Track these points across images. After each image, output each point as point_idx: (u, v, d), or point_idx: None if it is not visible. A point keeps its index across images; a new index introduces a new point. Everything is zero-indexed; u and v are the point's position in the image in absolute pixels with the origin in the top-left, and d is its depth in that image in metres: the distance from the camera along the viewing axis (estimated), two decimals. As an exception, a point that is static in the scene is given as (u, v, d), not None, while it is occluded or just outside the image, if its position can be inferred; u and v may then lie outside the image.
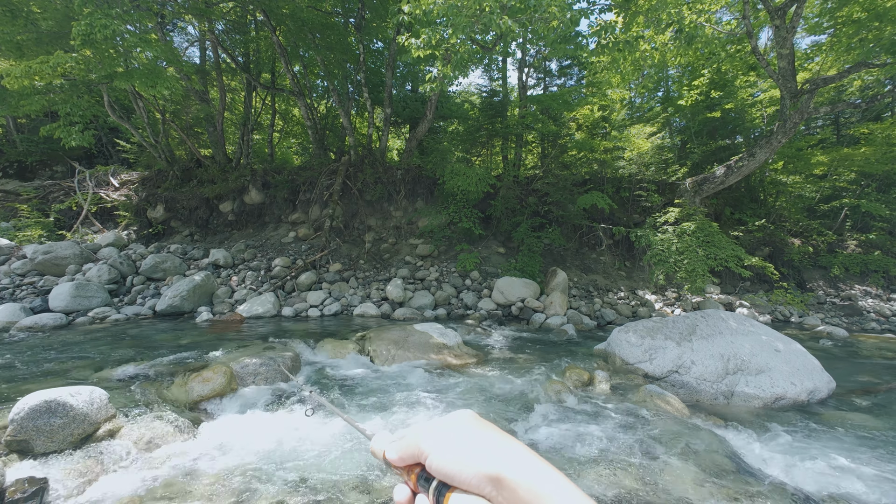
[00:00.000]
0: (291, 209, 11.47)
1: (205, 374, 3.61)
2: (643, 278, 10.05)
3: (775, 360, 4.14)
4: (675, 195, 9.93)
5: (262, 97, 13.60)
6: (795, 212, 11.07)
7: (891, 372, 5.15)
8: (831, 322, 8.27)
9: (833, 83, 8.84)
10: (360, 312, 7.77)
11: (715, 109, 11.03)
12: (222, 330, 6.25)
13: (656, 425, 3.26)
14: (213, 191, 11.25)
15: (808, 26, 9.70)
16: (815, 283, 9.97)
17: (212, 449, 2.70)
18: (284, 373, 3.73)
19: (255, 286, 8.48)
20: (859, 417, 3.64)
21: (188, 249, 10.07)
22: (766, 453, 3.00)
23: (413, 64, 12.34)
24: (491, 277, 9.39)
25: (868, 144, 9.87)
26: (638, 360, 4.52)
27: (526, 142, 13.21)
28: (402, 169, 11.25)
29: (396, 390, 3.84)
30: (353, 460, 2.55)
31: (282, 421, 3.13)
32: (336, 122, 13.82)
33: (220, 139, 12.19)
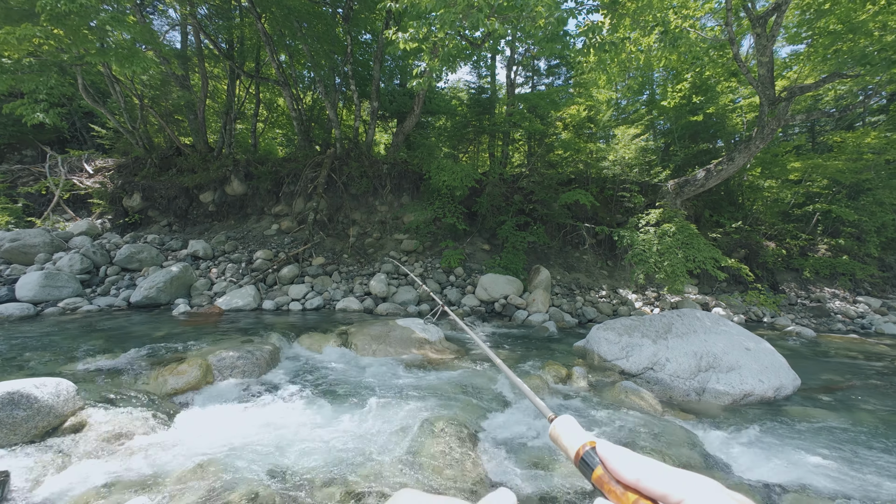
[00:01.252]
0: (275, 201, 11.28)
1: (180, 367, 3.54)
2: (624, 277, 10.24)
3: (745, 358, 4.28)
4: (658, 196, 10.13)
5: (246, 86, 13.30)
6: (771, 216, 11.43)
7: (852, 371, 5.39)
8: (801, 323, 8.59)
9: (809, 92, 9.12)
10: (342, 307, 7.71)
11: (697, 113, 11.28)
12: (200, 322, 6.12)
13: (630, 421, 3.34)
14: (194, 180, 10.97)
15: (788, 36, 9.98)
16: (787, 284, 10.33)
17: (185, 442, 2.65)
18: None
19: (236, 279, 8.32)
20: (821, 413, 3.80)
21: (166, 240, 9.81)
22: (734, 448, 3.10)
23: (401, 58, 12.24)
24: (475, 274, 9.44)
25: (840, 152, 10.25)
26: (615, 357, 4.62)
27: (513, 140, 13.27)
28: (389, 163, 11.17)
29: (376, 384, 3.84)
30: (330, 454, 2.54)
31: (258, 414, 3.09)
32: (322, 113, 13.62)
33: (201, 127, 11.88)
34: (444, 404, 3.37)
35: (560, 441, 0.55)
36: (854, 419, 3.69)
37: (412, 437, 2.73)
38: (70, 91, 8.36)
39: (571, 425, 0.56)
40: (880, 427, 3.54)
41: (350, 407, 3.28)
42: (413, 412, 3.16)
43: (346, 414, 3.15)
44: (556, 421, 0.58)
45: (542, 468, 2.56)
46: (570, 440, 0.53)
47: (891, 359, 5.99)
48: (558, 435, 0.56)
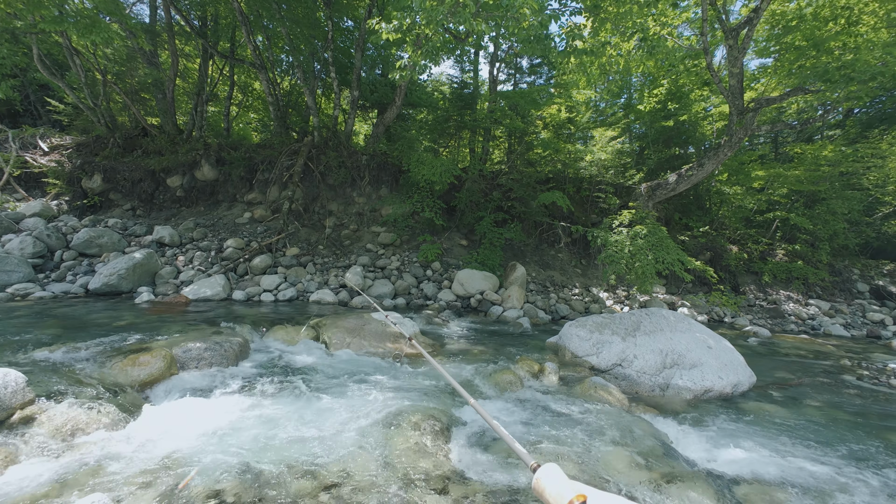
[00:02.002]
0: (248, 188, 10.92)
1: (142, 358, 3.39)
2: (597, 276, 10.52)
3: (707, 355, 4.49)
4: (631, 198, 10.43)
5: (220, 66, 12.75)
6: (735, 221, 11.99)
7: (802, 369, 5.74)
8: (758, 323, 9.07)
9: (775, 104, 9.58)
10: (316, 299, 7.58)
11: (670, 119, 11.65)
12: (165, 312, 5.87)
13: (598, 415, 3.44)
14: (161, 163, 10.46)
15: (757, 49, 10.43)
16: (747, 286, 10.89)
17: (147, 436, 2.54)
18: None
19: (205, 267, 8.03)
20: (773, 409, 4.03)
21: (129, 225, 9.33)
22: (694, 441, 3.25)
23: (383, 47, 12.01)
24: (452, 269, 9.46)
25: (800, 163, 10.84)
26: (586, 354, 4.74)
27: (494, 136, 13.32)
28: (368, 154, 11.00)
29: (349, 378, 3.80)
30: (301, 448, 2.50)
31: (226, 408, 3.00)
32: (300, 100, 13.24)
33: (170, 108, 11.32)
34: (418, 398, 3.38)
35: (545, 495, 0.49)
36: (802, 415, 3.94)
37: (386, 431, 2.72)
38: (24, 62, 7.78)
39: (557, 475, 0.50)
40: (825, 422, 3.79)
41: (322, 400, 3.24)
42: (387, 406, 3.14)
43: (318, 407, 3.10)
44: (540, 471, 0.52)
45: (512, 460, 2.61)
46: (556, 492, 0.48)
47: (836, 358, 6.42)
48: (543, 488, 0.50)
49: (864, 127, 12.97)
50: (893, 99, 13.01)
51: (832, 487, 2.69)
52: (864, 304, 10.51)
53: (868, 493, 2.63)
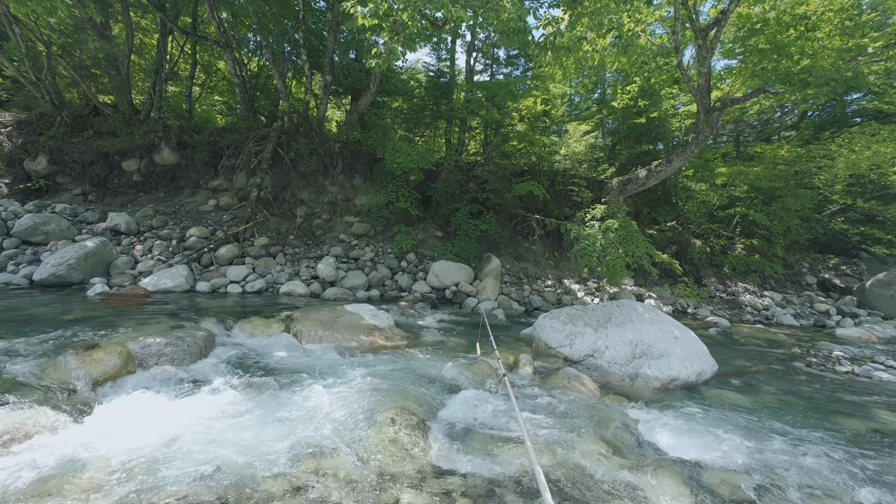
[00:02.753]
0: (212, 174, 10.38)
1: (96, 355, 3.14)
2: (569, 268, 10.73)
3: (673, 345, 4.66)
4: (603, 192, 10.66)
5: (180, 43, 11.96)
6: (699, 216, 12.52)
7: (758, 357, 6.09)
8: (718, 314, 9.55)
9: (738, 104, 9.99)
10: (287, 290, 7.33)
11: (641, 116, 11.94)
12: (121, 305, 5.51)
13: (572, 405, 3.50)
14: (115, 145, 9.76)
15: (723, 51, 10.81)
16: (709, 279, 11.43)
17: (102, 439, 2.36)
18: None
19: (165, 257, 7.59)
20: (733, 395, 4.24)
21: (80, 211, 8.68)
22: (661, 429, 3.37)
23: (358, 31, 11.62)
24: (427, 260, 9.39)
25: (759, 162, 11.41)
26: (559, 345, 4.82)
27: (469, 127, 13.24)
28: (341, 142, 10.67)
29: (322, 372, 3.68)
30: (271, 447, 2.39)
31: (190, 406, 2.83)
32: (269, 82, 12.65)
33: (124, 85, 10.54)
34: (394, 392, 3.31)
35: None
36: (759, 401, 4.16)
37: (361, 427, 2.65)
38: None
39: None
40: (780, 407, 4.02)
41: (294, 396, 3.12)
42: (362, 401, 3.07)
43: (290, 404, 2.98)
44: None
45: (489, 454, 2.61)
46: None
47: (788, 346, 6.85)
48: None
49: (817, 129, 13.79)
50: (843, 104, 13.88)
51: (788, 469, 2.85)
52: (811, 296, 11.26)
53: (819, 473, 2.80)
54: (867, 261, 13.09)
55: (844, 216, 12.74)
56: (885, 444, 3.30)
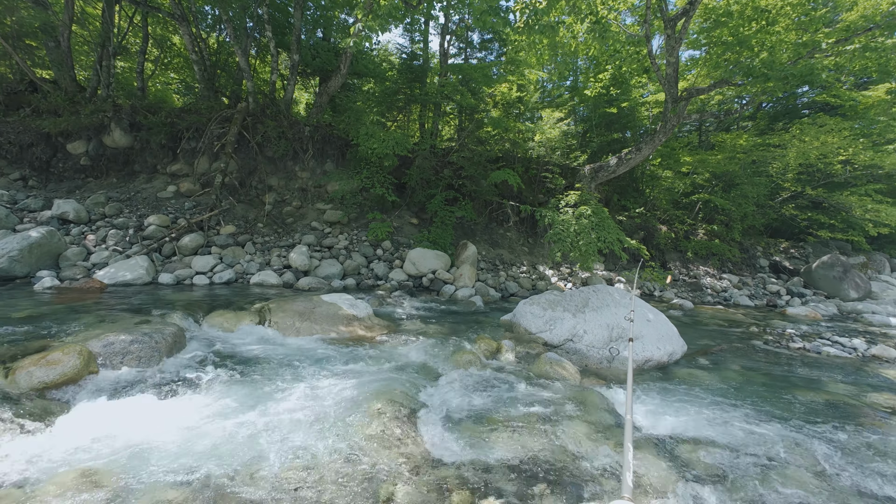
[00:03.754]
0: (171, 158, 9.73)
1: (51, 356, 2.88)
2: (543, 254, 10.92)
3: (647, 328, 4.85)
4: (576, 179, 10.84)
5: (129, 14, 11.00)
6: (665, 202, 13.02)
7: (721, 336, 6.46)
8: (682, 296, 10.04)
9: (703, 94, 10.34)
10: (258, 281, 7.05)
11: (612, 105, 12.17)
12: (75, 300, 5.10)
13: (554, 389, 3.58)
14: (58, 125, 8.92)
15: (689, 42, 11.11)
16: (674, 263, 11.98)
17: (63, 447, 2.17)
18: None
19: (122, 248, 7.09)
20: (701, 374, 4.48)
21: (20, 198, 7.93)
22: (638, 408, 3.51)
23: (327, 8, 11.09)
24: (403, 248, 9.28)
25: (720, 150, 11.94)
26: (539, 330, 4.91)
27: (444, 112, 13.04)
28: (311, 126, 10.24)
29: (302, 365, 3.57)
30: (253, 447, 2.29)
31: (162, 407, 2.67)
32: (231, 60, 11.90)
33: (66, 59, 9.60)
34: (378, 383, 3.26)
35: None
36: (724, 377, 4.42)
37: (348, 420, 2.59)
38: None
39: None
40: (743, 382, 4.29)
41: (274, 392, 3.00)
42: (346, 394, 3.00)
43: (270, 400, 2.87)
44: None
45: (480, 440, 2.62)
46: None
47: (746, 325, 7.31)
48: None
49: (771, 120, 14.57)
50: (795, 96, 14.68)
51: (752, 438, 3.05)
52: (764, 278, 12.06)
53: (780, 440, 3.01)
54: (813, 244, 14.14)
55: (794, 203, 13.63)
56: (835, 413, 3.59)
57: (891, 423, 3.48)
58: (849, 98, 11.45)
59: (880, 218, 11.69)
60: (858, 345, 5.84)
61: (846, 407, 3.74)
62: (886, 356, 5.51)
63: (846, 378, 4.62)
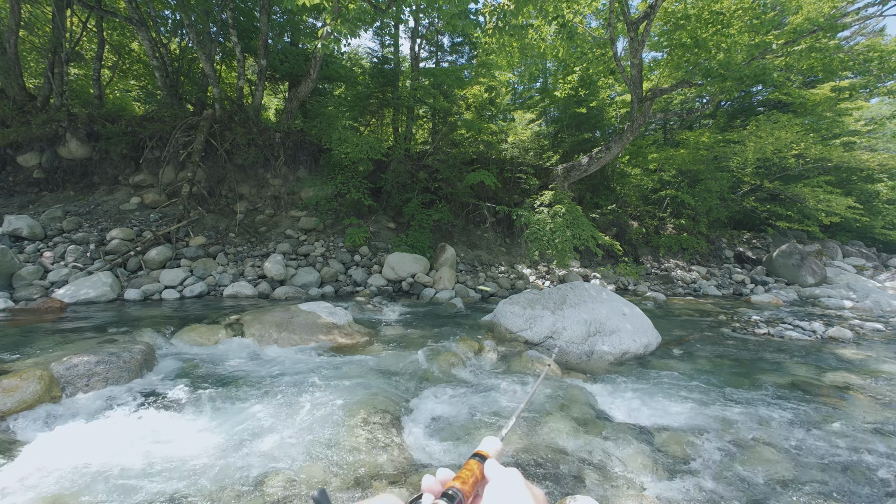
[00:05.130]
0: (133, 169, 9.32)
1: (7, 382, 2.71)
2: (520, 253, 11.07)
3: (623, 322, 4.99)
4: (549, 179, 11.06)
5: (82, 18, 10.49)
6: (635, 199, 13.45)
7: (692, 325, 6.72)
8: (655, 289, 10.39)
9: (666, 94, 10.76)
10: (232, 293, 6.84)
11: (582, 105, 12.49)
12: (32, 321, 4.81)
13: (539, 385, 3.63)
14: (7, 137, 8.41)
15: (651, 44, 11.56)
16: (645, 257, 12.37)
17: (25, 479, 2.04)
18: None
19: (83, 264, 6.73)
20: (676, 364, 4.65)
21: (-34, 215, 7.40)
22: (618, 400, 3.60)
23: (294, 12, 10.90)
24: (381, 253, 9.21)
25: (685, 147, 12.45)
26: (520, 329, 4.97)
27: (417, 116, 13.05)
28: (282, 132, 10.04)
29: (283, 377, 3.49)
30: (234, 465, 2.22)
31: (133, 430, 2.55)
32: (194, 66, 11.52)
33: (13, 67, 9.05)
34: (362, 391, 3.23)
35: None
36: (696, 365, 4.60)
37: (333, 431, 2.55)
38: None
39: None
40: (714, 369, 4.47)
41: (254, 407, 2.92)
42: (329, 403, 2.95)
43: (251, 416, 2.79)
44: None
45: (464, 441, 2.63)
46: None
47: (715, 314, 7.63)
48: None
49: (730, 117, 15.31)
50: (750, 95, 15.48)
51: (724, 422, 3.18)
52: (730, 268, 12.63)
53: (750, 422, 3.16)
54: (773, 235, 14.91)
55: (754, 196, 14.35)
56: (798, 394, 3.80)
57: (847, 399, 3.71)
58: (798, 96, 12.18)
59: (831, 207, 12.47)
60: (817, 328, 6.20)
61: (808, 387, 3.96)
62: (842, 337, 5.87)
63: (807, 359, 4.89)
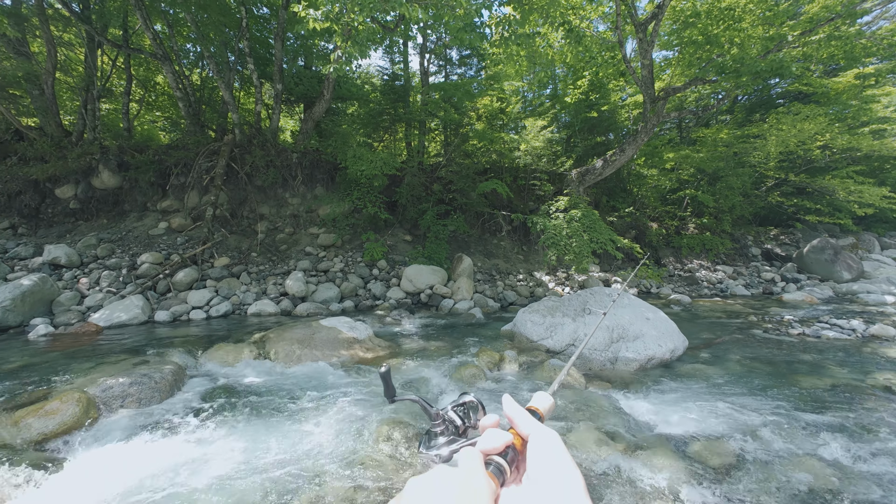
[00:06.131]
0: (160, 195, 9.74)
1: (49, 406, 2.85)
2: (538, 261, 10.97)
3: (647, 326, 4.87)
4: (564, 185, 10.98)
5: (112, 57, 11.14)
6: (653, 200, 13.19)
7: (720, 328, 6.49)
8: (679, 291, 10.10)
9: (679, 93, 10.60)
10: (255, 311, 7.01)
11: (593, 109, 12.42)
12: (70, 345, 5.04)
13: (561, 396, 3.57)
14: (46, 171, 8.92)
15: (661, 43, 11.44)
16: (667, 259, 12.07)
17: (67, 500, 2.14)
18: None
19: (116, 288, 7.03)
20: (705, 368, 4.50)
21: (10, 246, 7.88)
22: (645, 407, 3.51)
23: (307, 37, 11.31)
24: (399, 266, 9.29)
25: (702, 145, 12.18)
26: (541, 338, 4.91)
27: (429, 129, 13.23)
28: (299, 152, 10.33)
29: (306, 393, 3.54)
30: (263, 482, 2.26)
31: (166, 449, 2.63)
32: (215, 94, 12.03)
33: (51, 106, 9.66)
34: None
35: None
36: (728, 369, 4.44)
37: (357, 446, 2.57)
38: None
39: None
40: (747, 373, 4.31)
41: (280, 423, 2.97)
42: (353, 419, 2.97)
43: (277, 432, 2.84)
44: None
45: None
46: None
47: (745, 315, 7.35)
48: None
49: (748, 112, 14.92)
50: (768, 87, 15.08)
51: (761, 429, 3.05)
52: (758, 266, 12.18)
53: (789, 429, 3.02)
54: (802, 230, 14.33)
55: (779, 190, 13.87)
56: (840, 397, 3.61)
57: (894, 402, 3.51)
58: (820, 85, 11.79)
59: (864, 198, 11.91)
60: (857, 326, 5.89)
61: (850, 389, 3.76)
62: (885, 335, 5.56)
63: (848, 360, 4.66)
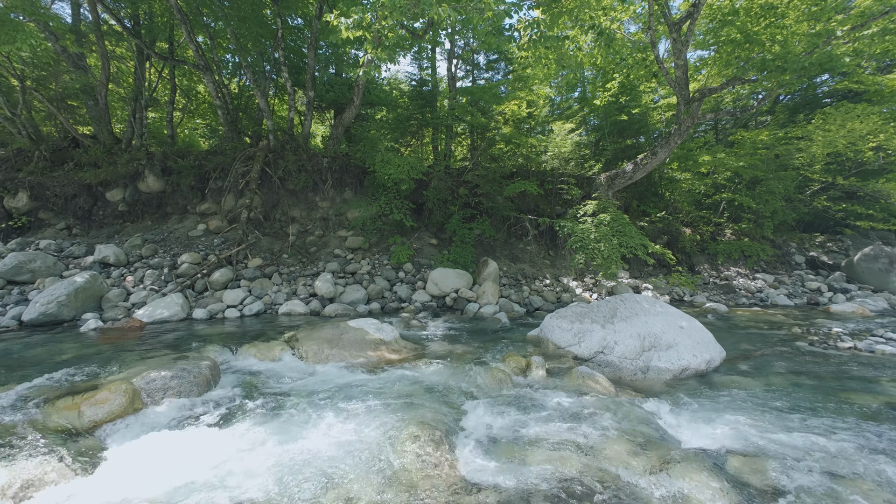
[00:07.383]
0: (200, 198, 10.23)
1: (98, 395, 3.03)
2: (565, 266, 10.78)
3: (680, 335, 4.69)
4: (592, 189, 10.76)
5: (158, 69, 11.84)
6: (687, 204, 12.71)
7: (760, 339, 6.16)
8: (714, 300, 9.66)
9: (716, 93, 10.20)
10: (286, 311, 7.22)
11: (623, 112, 12.13)
12: (117, 339, 5.35)
13: (589, 404, 3.48)
14: (97, 176, 9.56)
15: (696, 43, 11.06)
16: (701, 266, 11.58)
17: (114, 484, 2.26)
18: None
19: (158, 286, 7.42)
20: (743, 380, 4.28)
21: (65, 246, 8.47)
22: (680, 420, 3.37)
23: (338, 45, 11.65)
24: (424, 269, 9.35)
25: (740, 148, 11.65)
26: (568, 344, 4.82)
27: (455, 133, 13.30)
28: (329, 157, 10.62)
29: (335, 392, 3.61)
30: (292, 477, 2.32)
31: (202, 441, 2.74)
32: (251, 102, 12.56)
33: (103, 115, 10.36)
34: (411, 407, 3.26)
35: None
36: (770, 383, 4.20)
37: (383, 447, 2.60)
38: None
39: None
40: (790, 388, 4.06)
41: (309, 421, 3.04)
42: (379, 419, 3.01)
43: (306, 429, 2.91)
44: None
45: (516, 462, 2.57)
46: None
47: (788, 326, 6.95)
48: None
49: (791, 112, 14.16)
50: (813, 86, 14.28)
51: (807, 449, 2.86)
52: (802, 275, 11.49)
53: (838, 451, 2.82)
54: (851, 236, 13.42)
55: (826, 194, 13.06)
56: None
57: (962, 424, 3.22)
58: (873, 83, 11.05)
59: (923, 204, 11.05)
60: (916, 341, 5.46)
61: (909, 409, 3.48)
62: (949, 351, 5.12)
63: (906, 377, 4.31)
